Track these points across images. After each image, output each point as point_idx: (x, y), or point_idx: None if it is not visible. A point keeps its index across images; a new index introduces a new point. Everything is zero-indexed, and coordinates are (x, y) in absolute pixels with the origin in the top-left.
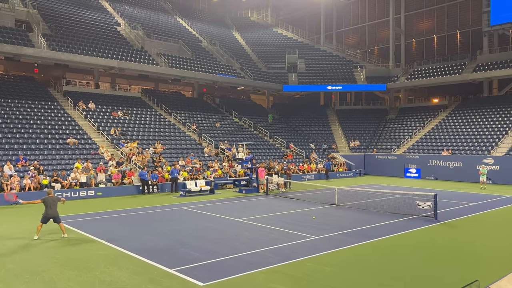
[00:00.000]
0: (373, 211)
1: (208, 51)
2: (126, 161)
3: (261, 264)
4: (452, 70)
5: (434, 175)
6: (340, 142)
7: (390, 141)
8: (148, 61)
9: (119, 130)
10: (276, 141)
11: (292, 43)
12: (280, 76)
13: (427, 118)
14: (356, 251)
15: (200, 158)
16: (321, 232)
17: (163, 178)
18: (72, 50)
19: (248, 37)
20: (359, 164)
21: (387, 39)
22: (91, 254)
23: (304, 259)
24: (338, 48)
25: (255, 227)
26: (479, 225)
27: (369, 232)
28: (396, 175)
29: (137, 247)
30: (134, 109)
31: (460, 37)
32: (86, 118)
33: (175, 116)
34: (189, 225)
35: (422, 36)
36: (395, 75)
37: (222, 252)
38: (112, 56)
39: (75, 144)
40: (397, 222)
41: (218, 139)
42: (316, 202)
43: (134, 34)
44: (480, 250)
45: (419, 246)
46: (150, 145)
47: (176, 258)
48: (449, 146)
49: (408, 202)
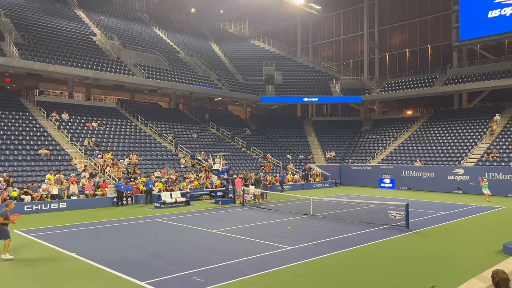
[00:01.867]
0: (347, 221)
1: (185, 62)
2: (100, 172)
3: (235, 276)
4: (424, 83)
5: (407, 185)
6: (316, 153)
7: (365, 152)
8: (124, 72)
9: (93, 141)
10: (253, 152)
11: (270, 55)
12: (258, 88)
13: (401, 129)
14: (329, 261)
15: (176, 169)
16: (295, 242)
17: (137, 190)
18: (46, 60)
19: (226, 48)
20: (335, 174)
21: (361, 53)
22: (61, 268)
23: (278, 270)
24: (314, 60)
25: (230, 239)
26: (449, 234)
27: (342, 242)
28: (370, 185)
29: (108, 260)
30: (109, 119)
31: (431, 51)
32: (59, 128)
33: (151, 127)
34: (163, 237)
35: (395, 50)
36: (370, 88)
37: (195, 264)
38: (87, 66)
39: (47, 155)
40: (370, 232)
41: (195, 150)
42: (291, 213)
43: (110, 44)
44: (448, 258)
45: (390, 256)
46: (125, 156)
47: (148, 271)
48: (422, 157)
49: (381, 212)
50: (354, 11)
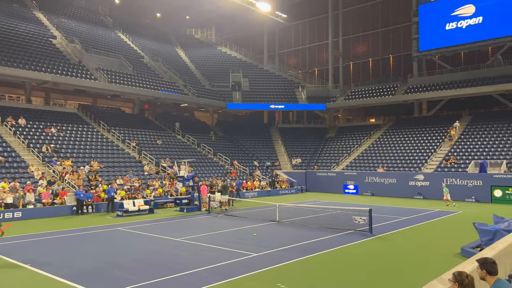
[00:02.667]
0: (312, 227)
1: (150, 67)
2: (59, 180)
3: (198, 284)
4: (386, 91)
5: (370, 191)
6: (282, 160)
7: (330, 158)
8: (86, 76)
9: (52, 147)
10: (220, 158)
11: (236, 62)
12: (224, 94)
13: (364, 136)
14: (294, 267)
15: (140, 177)
16: (261, 249)
17: (99, 198)
18: (1, 62)
19: (192, 55)
20: (300, 181)
21: (326, 61)
22: (13, 280)
23: (243, 277)
24: (281, 68)
25: (195, 247)
26: (410, 238)
27: (308, 247)
28: (335, 191)
29: (67, 271)
30: (70, 125)
31: (393, 60)
32: (15, 134)
33: (113, 133)
34: (124, 247)
35: (359, 59)
36: (334, 96)
37: (158, 274)
38: (46, 69)
39: (2, 162)
40: (335, 237)
41: (160, 157)
42: (258, 219)
43: (71, 48)
44: (409, 261)
45: (354, 260)
46: (85, 163)
47: (109, 282)
48: (384, 163)
49: (345, 217)
50: (320, 20)
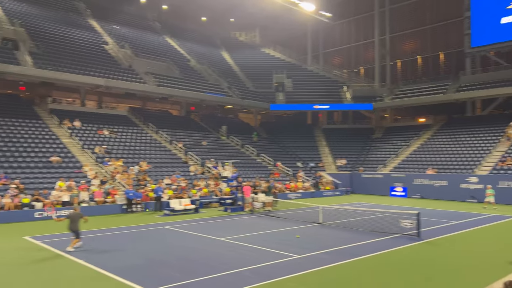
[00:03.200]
0: (357, 230)
1: (196, 70)
2: (110, 179)
3: (240, 284)
4: (436, 90)
5: (419, 193)
6: (327, 161)
7: (376, 159)
8: (136, 80)
9: (104, 148)
10: (263, 159)
11: (280, 63)
12: (268, 95)
13: (413, 137)
14: (338, 270)
15: (186, 177)
16: (303, 251)
17: (147, 197)
18: (58, 68)
19: (237, 57)
20: (345, 182)
21: (372, 60)
22: (68, 274)
23: (285, 279)
24: (325, 68)
25: (238, 246)
26: (461, 244)
27: (352, 250)
28: (382, 194)
29: (115, 267)
30: (121, 127)
31: (444, 58)
32: (71, 136)
33: (161, 134)
34: (170, 245)
35: (407, 57)
36: (381, 95)
37: (201, 272)
38: (99, 74)
39: (59, 162)
40: (380, 241)
41: (205, 158)
42: (301, 221)
43: (122, 53)
44: (460, 268)
45: (400, 265)
46: (135, 163)
47: (155, 278)
48: (434, 165)
49: (392, 221)
50: (365, 18)
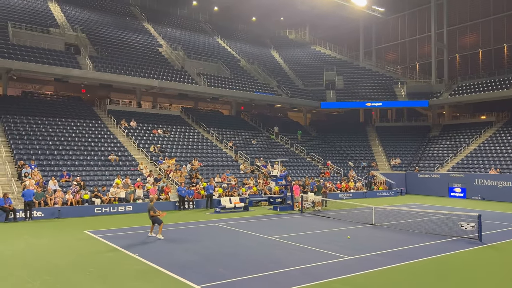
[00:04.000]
0: (412, 232)
1: (246, 70)
2: (164, 177)
3: (288, 284)
4: (499, 85)
5: (480, 195)
6: (380, 160)
7: (433, 159)
8: (188, 81)
9: (159, 147)
10: (313, 158)
11: (330, 60)
12: (318, 93)
13: (473, 135)
14: (390, 273)
15: (236, 175)
16: (355, 252)
17: (198, 195)
18: (116, 71)
19: (286, 55)
20: (400, 182)
21: (429, 55)
22: (123, 268)
23: (334, 280)
24: (378, 64)
25: (287, 246)
26: None
27: (406, 253)
28: (439, 195)
29: (167, 262)
30: (174, 127)
31: (508, 51)
32: (127, 135)
33: (212, 133)
34: (220, 242)
35: (466, 51)
36: (438, 91)
37: (250, 270)
38: (154, 76)
39: (116, 160)
40: (438, 244)
41: (254, 156)
42: (352, 222)
43: (174, 55)
44: None
45: (459, 270)
46: (187, 162)
47: (204, 275)
48: (497, 165)
49: (450, 223)
50: (421, 11)
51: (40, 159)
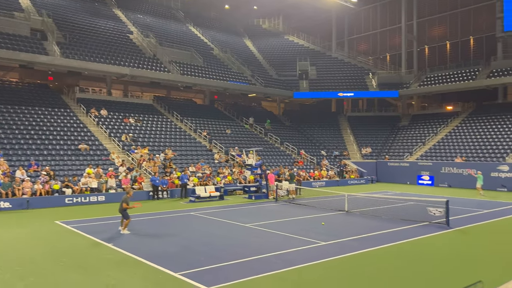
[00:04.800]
0: (384, 218)
1: (219, 58)
2: (137, 167)
3: (266, 270)
4: (466, 76)
5: (447, 182)
6: (351, 149)
7: (403, 148)
8: (160, 69)
9: (131, 136)
10: (287, 147)
11: (304, 51)
12: (291, 83)
13: (440, 124)
14: (364, 258)
15: (210, 165)
16: (329, 238)
17: (173, 184)
18: (85, 58)
19: (260, 44)
20: (371, 171)
21: (399, 46)
22: (98, 258)
23: (311, 265)
24: (350, 55)
25: (263, 233)
26: (492, 232)
27: (378, 238)
28: (408, 182)
29: (143, 251)
30: (146, 116)
31: (474, 43)
32: (98, 124)
33: (186, 122)
34: (197, 231)
35: (435, 43)
36: (408, 82)
37: (228, 257)
38: (125, 63)
39: (87, 150)
40: (408, 229)
41: (229, 146)
42: (326, 209)
43: (146, 42)
44: (491, 255)
45: (428, 253)
46: (161, 151)
47: (182, 263)
48: (463, 153)
49: (419, 209)
50: (391, 3)
51: (6, 148)
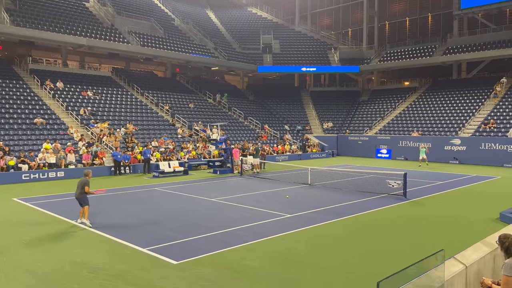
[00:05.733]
0: (345, 190)
1: (181, 30)
2: (97, 141)
3: (235, 242)
4: (423, 53)
5: (404, 155)
6: (313, 124)
7: (363, 122)
8: (119, 39)
9: (89, 110)
10: (250, 122)
11: (267, 24)
12: (255, 57)
13: (399, 100)
14: (328, 229)
15: (174, 139)
16: (294, 210)
17: (135, 159)
18: (38, 27)
19: (223, 16)
20: (332, 145)
21: (361, 21)
22: (62, 235)
23: (278, 237)
24: (313, 29)
25: (230, 207)
26: (447, 203)
27: (341, 210)
28: (367, 156)
29: (109, 227)
30: (105, 88)
31: (432, 20)
32: (54, 97)
33: (147, 96)
34: (162, 206)
35: (395, 19)
36: (368, 57)
37: (195, 231)
38: (81, 33)
39: (43, 124)
40: (368, 201)
41: (192, 120)
42: (289, 182)
43: (103, 11)
44: (447, 224)
45: (388, 223)
46: (121, 125)
47: (150, 238)
48: (419, 128)
49: (379, 181)
50: None
51: None
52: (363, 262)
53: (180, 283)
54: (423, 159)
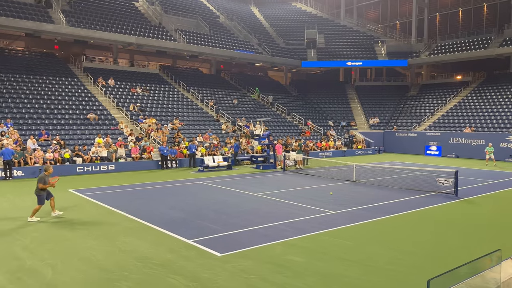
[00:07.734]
0: (392, 188)
1: (225, 26)
2: (145, 136)
3: (277, 237)
4: (477, 45)
5: (455, 152)
6: (359, 119)
7: (411, 118)
8: (166, 37)
9: (138, 106)
10: (293, 118)
11: (312, 18)
12: (299, 52)
13: (450, 94)
14: (373, 226)
15: (218, 135)
16: (338, 207)
17: (181, 154)
18: (91, 26)
19: (267, 12)
20: (378, 141)
21: (409, 13)
22: (112, 225)
23: (320, 233)
24: (359, 22)
25: (272, 202)
26: (501, 202)
27: (387, 207)
28: (416, 153)
29: (156, 219)
30: (153, 85)
31: (487, 10)
32: (105, 94)
33: (192, 92)
34: (207, 199)
35: (446, 10)
36: (417, 51)
37: (239, 225)
38: (130, 32)
39: (95, 119)
40: (417, 199)
41: (236, 116)
42: (333, 179)
43: (151, 10)
44: (502, 225)
45: (438, 222)
46: (168, 121)
47: (194, 230)
48: (472, 124)
49: (428, 179)
50: None
51: (16, 118)
52: (410, 260)
53: (224, 275)
54: (490, 159)
